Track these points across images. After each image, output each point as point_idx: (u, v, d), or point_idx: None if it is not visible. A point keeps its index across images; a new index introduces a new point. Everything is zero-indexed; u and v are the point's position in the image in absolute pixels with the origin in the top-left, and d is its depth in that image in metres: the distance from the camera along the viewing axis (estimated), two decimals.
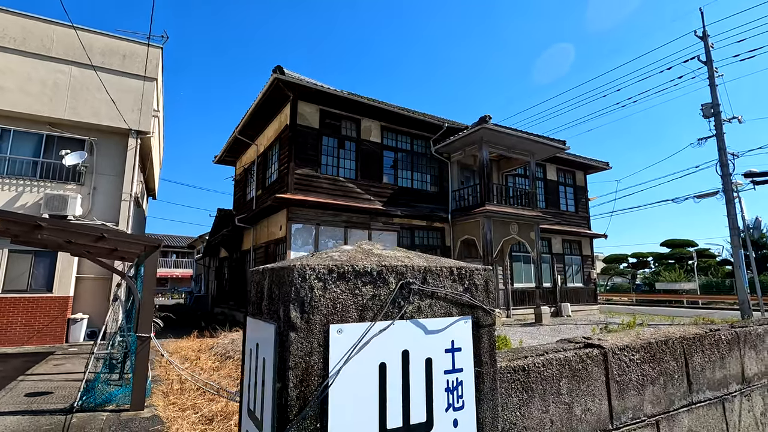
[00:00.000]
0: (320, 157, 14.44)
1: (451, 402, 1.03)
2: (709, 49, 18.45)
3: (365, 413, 0.91)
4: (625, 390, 1.43)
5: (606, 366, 1.40)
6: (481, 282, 1.13)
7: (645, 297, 29.77)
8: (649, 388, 1.51)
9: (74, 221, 10.77)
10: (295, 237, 13.44)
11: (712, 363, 1.77)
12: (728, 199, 17.12)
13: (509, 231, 16.14)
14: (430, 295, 1.03)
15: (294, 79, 13.29)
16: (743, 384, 1.84)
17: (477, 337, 1.09)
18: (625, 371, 1.46)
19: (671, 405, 1.56)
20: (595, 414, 1.34)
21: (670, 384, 1.57)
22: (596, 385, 1.37)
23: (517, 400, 1.15)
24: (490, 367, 1.07)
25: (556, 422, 1.21)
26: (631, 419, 1.42)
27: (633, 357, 1.51)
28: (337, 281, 0.93)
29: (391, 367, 0.96)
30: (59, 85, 10.99)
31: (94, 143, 11.47)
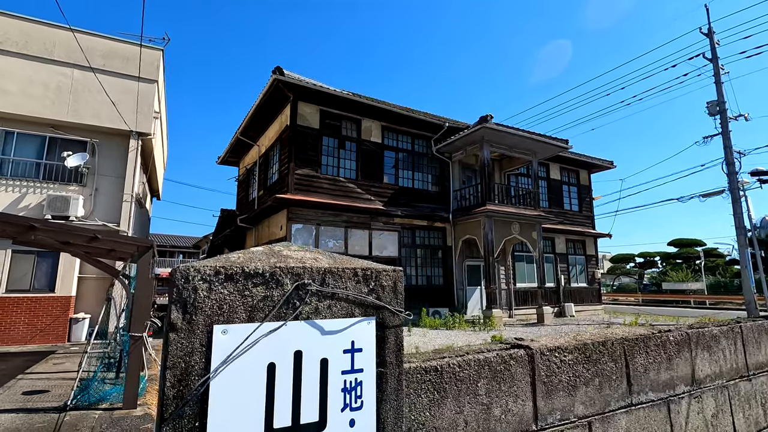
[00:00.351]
0: (320, 158, 14.48)
1: (348, 402, 1.03)
2: (714, 46, 18.21)
3: (250, 412, 0.92)
4: (554, 391, 1.42)
5: (532, 367, 1.40)
6: (388, 283, 1.13)
7: (652, 297, 29.45)
8: (582, 389, 1.49)
9: (76, 222, 10.92)
10: (296, 237, 13.50)
11: (658, 364, 1.74)
12: (734, 198, 16.89)
13: (511, 231, 16.07)
14: (329, 296, 1.03)
15: (293, 79, 13.34)
16: (693, 386, 1.81)
17: (382, 337, 1.09)
18: (554, 372, 1.45)
19: (607, 406, 1.55)
20: (517, 415, 1.33)
21: (606, 385, 1.56)
22: (520, 385, 1.37)
23: (427, 401, 1.15)
24: (395, 368, 1.08)
25: (471, 422, 1.21)
26: (558, 420, 1.41)
27: (565, 358, 1.50)
28: (224, 282, 0.94)
29: (281, 367, 0.97)
30: (61, 87, 11.14)
31: (96, 145, 11.61)
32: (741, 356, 1.96)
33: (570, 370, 1.48)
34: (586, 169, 22.61)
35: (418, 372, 1.17)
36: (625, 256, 41.66)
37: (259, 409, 0.93)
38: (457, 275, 16.76)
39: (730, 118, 18.05)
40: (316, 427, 0.99)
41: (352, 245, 14.52)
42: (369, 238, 14.93)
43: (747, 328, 2.15)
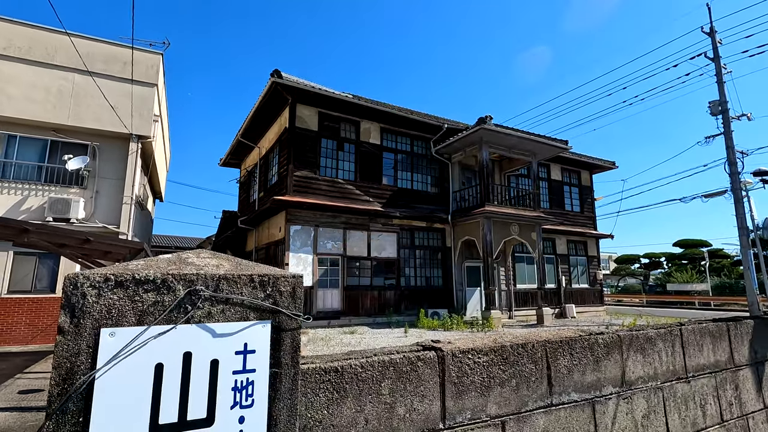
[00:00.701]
0: (319, 159, 14.58)
1: (239, 400, 1.10)
2: (716, 45, 18.05)
3: (135, 409, 0.99)
4: (465, 391, 1.46)
5: (443, 368, 1.44)
6: (287, 289, 1.18)
7: (656, 298, 29.21)
8: (497, 390, 1.53)
9: (77, 224, 11.10)
10: (294, 238, 13.60)
11: (583, 366, 1.78)
12: (737, 199, 16.71)
13: (510, 231, 16.05)
14: (223, 301, 1.09)
15: (291, 82, 13.45)
16: (623, 387, 1.84)
17: (277, 340, 1.14)
18: (466, 373, 1.49)
19: (524, 406, 1.58)
20: (423, 414, 1.38)
21: (524, 386, 1.60)
22: (428, 386, 1.41)
23: (325, 399, 1.21)
24: (290, 368, 1.13)
25: (372, 421, 1.26)
26: (469, 419, 1.46)
27: (479, 360, 1.54)
28: (114, 289, 1.01)
29: (169, 367, 1.04)
30: (63, 92, 11.33)
31: (96, 148, 11.80)
32: (679, 358, 1.98)
33: (484, 371, 1.52)
34: (588, 170, 22.52)
35: (318, 372, 1.23)
36: (630, 257, 41.34)
37: (145, 406, 1.00)
38: (456, 276, 16.77)
39: (733, 117, 17.88)
40: (204, 423, 1.06)
41: (351, 246, 14.60)
42: (367, 240, 15.00)
43: (688, 331, 2.17)
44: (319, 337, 10.65)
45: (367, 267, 14.89)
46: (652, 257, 39.25)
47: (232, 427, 1.08)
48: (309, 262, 13.75)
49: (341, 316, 13.99)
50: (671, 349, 1.99)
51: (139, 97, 12.06)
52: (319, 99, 14.39)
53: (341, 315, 14.01)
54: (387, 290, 15.13)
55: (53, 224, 9.11)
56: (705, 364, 2.11)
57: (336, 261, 14.33)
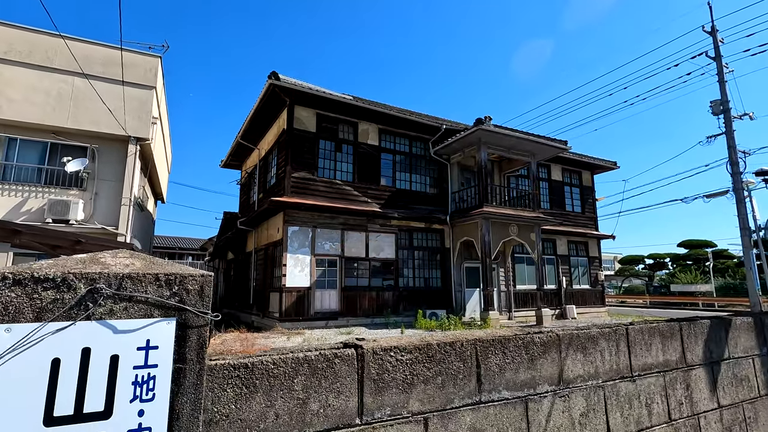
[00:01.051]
0: (317, 161, 14.64)
1: (139, 394, 1.13)
2: (717, 45, 17.90)
3: (29, 401, 1.02)
4: (386, 388, 1.48)
5: (362, 366, 1.46)
6: (194, 287, 1.22)
7: (660, 299, 28.98)
8: (420, 387, 1.55)
9: (76, 225, 11.23)
10: (292, 239, 13.66)
11: (517, 364, 1.79)
12: (738, 199, 16.54)
13: (509, 232, 16.02)
14: (126, 299, 1.13)
15: (289, 84, 13.53)
16: (561, 385, 1.85)
17: (182, 336, 1.18)
18: (387, 370, 1.51)
19: (449, 403, 1.60)
20: (338, 409, 1.41)
21: (451, 383, 1.62)
22: (345, 382, 1.43)
23: (233, 394, 1.24)
24: (195, 364, 1.17)
25: (283, 416, 1.29)
26: (388, 415, 1.48)
27: (402, 357, 1.56)
28: (12, 286, 1.05)
29: (67, 362, 1.07)
30: (62, 94, 11.48)
31: (96, 150, 11.94)
32: (624, 357, 1.99)
33: (407, 369, 1.54)
34: (589, 170, 22.41)
35: (226, 368, 1.26)
36: (635, 257, 41.03)
37: (39, 398, 1.04)
38: (455, 277, 16.76)
39: (735, 117, 17.70)
40: (101, 416, 1.09)
41: (349, 247, 14.65)
42: (366, 240, 15.03)
43: (635, 331, 2.17)
44: (315, 337, 10.69)
45: (366, 268, 14.92)
46: (657, 258, 38.95)
47: (131, 420, 1.12)
48: (307, 263, 13.80)
49: (339, 317, 14.03)
50: (615, 349, 2.00)
51: (138, 99, 12.18)
52: (317, 100, 14.46)
53: (339, 316, 14.05)
54: (385, 291, 15.15)
55: (43, 226, 9.23)
56: (653, 363, 2.11)
57: (334, 262, 14.37)
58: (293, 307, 13.31)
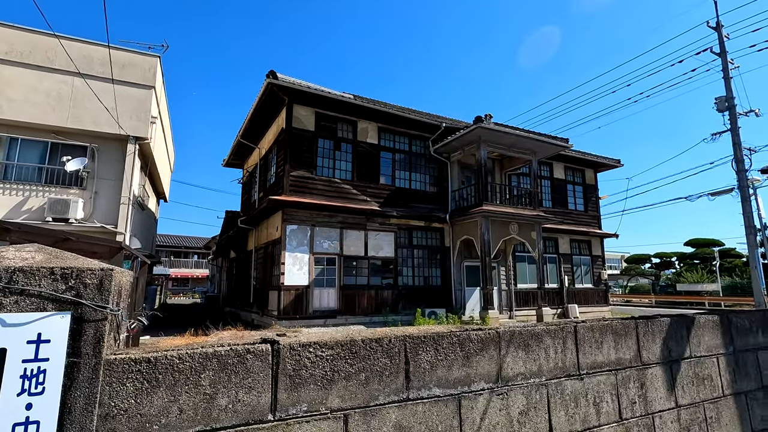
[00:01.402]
0: (316, 159, 14.65)
1: (27, 388, 1.13)
2: (723, 40, 17.65)
3: None
4: (303, 384, 1.47)
5: (276, 361, 1.45)
6: (93, 281, 1.21)
7: (665, 298, 28.67)
8: (341, 383, 1.53)
9: (76, 224, 11.36)
10: (290, 238, 13.69)
11: (450, 361, 1.76)
12: (744, 197, 16.33)
13: (509, 231, 15.94)
14: (18, 292, 1.13)
15: (287, 82, 13.55)
16: (498, 383, 1.81)
17: (78, 330, 1.18)
18: (305, 366, 1.49)
19: (373, 400, 1.58)
20: (249, 405, 1.39)
21: (375, 380, 1.59)
22: (257, 378, 1.42)
23: (134, 389, 1.23)
24: (91, 358, 1.16)
25: (187, 410, 1.28)
26: (304, 411, 1.46)
27: (322, 353, 1.54)
28: None
29: None
30: (62, 94, 11.60)
31: (95, 149, 12.05)
32: (571, 355, 1.95)
33: (328, 365, 1.53)
34: (592, 168, 22.22)
35: (127, 363, 1.26)
36: (641, 256, 40.63)
37: None
38: (455, 276, 16.71)
39: (740, 114, 17.47)
40: None
41: (348, 246, 14.65)
42: (365, 239, 15.03)
43: (585, 328, 2.13)
44: None
45: (364, 266, 14.92)
46: (664, 257, 38.52)
47: (18, 414, 1.12)
48: (305, 262, 13.83)
49: (337, 315, 14.05)
50: (562, 346, 1.96)
51: (137, 99, 12.28)
52: (316, 99, 14.46)
53: (337, 314, 14.07)
54: (384, 290, 15.14)
55: (33, 224, 9.32)
56: (604, 361, 2.07)
57: (333, 260, 14.38)
58: (291, 306, 13.35)
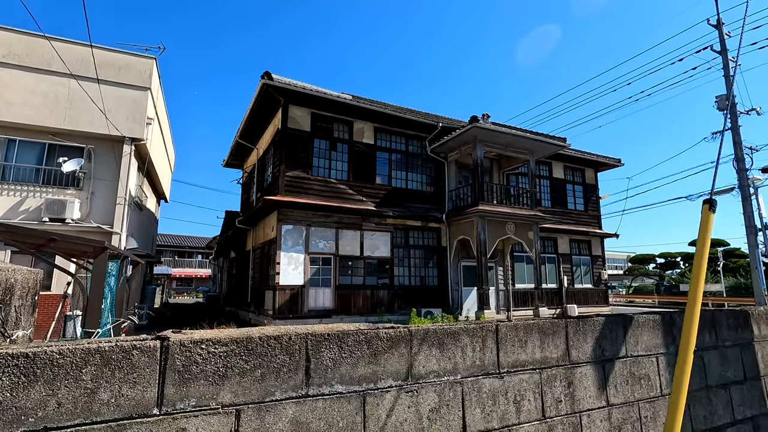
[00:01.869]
0: (312, 160, 14.71)
1: None
2: (723, 38, 17.47)
3: None
4: (192, 379, 1.50)
5: (165, 357, 1.49)
6: None
7: (668, 299, 28.40)
8: (235, 379, 1.56)
9: (72, 224, 11.51)
10: (285, 238, 13.77)
11: (356, 359, 1.77)
12: (744, 196, 16.15)
13: (505, 231, 15.90)
14: None
15: (282, 83, 13.62)
16: (409, 380, 1.82)
17: None
18: (196, 362, 1.53)
19: (269, 396, 1.60)
20: (133, 399, 1.43)
21: (272, 376, 1.62)
22: (143, 373, 1.46)
23: (9, 383, 1.27)
24: None
25: (66, 404, 1.32)
26: (193, 406, 1.49)
27: (215, 350, 1.57)
28: None
29: None
30: (59, 97, 11.76)
31: (92, 151, 12.20)
32: (491, 354, 1.95)
33: (221, 361, 1.56)
34: (593, 168, 22.07)
35: (3, 358, 1.30)
36: (646, 256, 40.27)
37: None
38: (452, 276, 16.70)
39: (741, 112, 17.28)
40: None
41: (343, 246, 14.69)
42: (360, 239, 15.07)
43: (507, 327, 2.13)
44: None
45: (360, 266, 14.96)
46: (668, 257, 38.16)
47: None
48: (301, 262, 13.90)
49: (333, 315, 14.10)
50: (481, 345, 1.96)
51: (132, 100, 12.41)
52: (312, 99, 14.52)
53: (333, 314, 14.12)
54: (380, 289, 15.17)
55: (19, 224, 9.47)
56: (528, 360, 2.07)
57: (328, 260, 14.44)
58: (287, 305, 13.43)
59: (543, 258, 19.32)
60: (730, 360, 2.90)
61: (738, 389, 2.87)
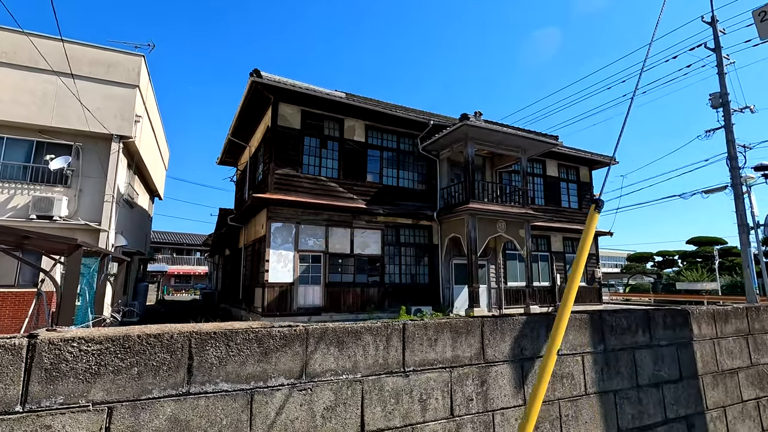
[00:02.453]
0: (302, 157, 14.71)
1: None
2: (717, 35, 17.35)
3: None
4: (61, 377, 1.51)
5: (32, 355, 1.51)
6: None
7: (664, 297, 28.34)
8: (109, 377, 1.57)
9: (60, 221, 11.57)
10: (275, 236, 13.79)
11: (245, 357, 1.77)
12: (737, 194, 16.07)
13: (496, 229, 15.87)
14: None
15: (272, 81, 13.61)
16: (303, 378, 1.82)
17: None
18: (66, 360, 1.54)
19: (145, 393, 1.61)
20: None
21: (150, 374, 1.63)
22: (6, 371, 1.45)
23: None
24: None
25: None
26: (60, 403, 1.51)
27: (88, 348, 1.58)
28: None
29: None
30: (47, 94, 11.79)
31: (80, 148, 12.24)
32: (396, 353, 1.95)
33: (93, 359, 1.57)
34: (587, 166, 22.00)
35: None
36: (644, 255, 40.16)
37: None
38: (443, 274, 16.70)
39: (735, 110, 17.18)
40: None
41: (333, 243, 14.71)
42: (351, 237, 15.08)
43: (417, 326, 2.12)
44: None
45: (350, 264, 14.97)
46: (666, 255, 38.05)
47: None
48: (290, 259, 13.92)
49: (322, 312, 14.13)
50: (385, 344, 1.96)
51: (121, 98, 12.43)
52: (302, 97, 14.50)
53: (322, 311, 14.15)
54: (370, 287, 15.19)
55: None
56: (437, 359, 2.07)
57: (318, 258, 14.46)
58: (275, 302, 13.46)
59: (536, 256, 19.31)
60: (666, 359, 2.89)
61: (672, 388, 2.86)
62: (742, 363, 3.38)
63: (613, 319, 2.75)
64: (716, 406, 3.07)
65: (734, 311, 3.74)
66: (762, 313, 3.96)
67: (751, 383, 3.37)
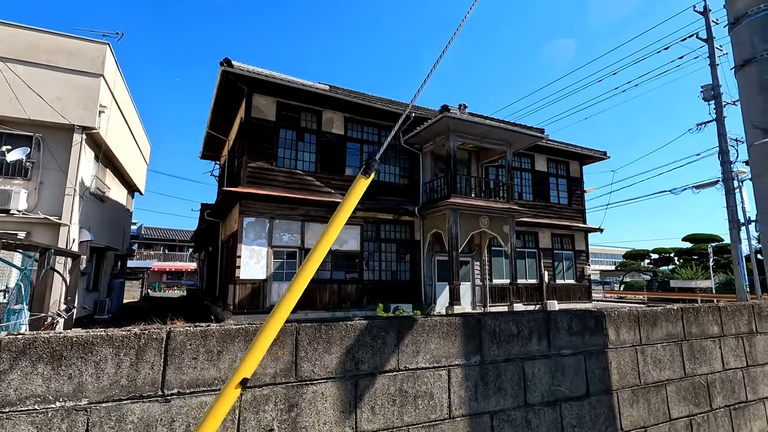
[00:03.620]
0: (276, 150, 14.25)
1: None
2: (710, 25, 16.80)
3: None
4: None
5: None
6: None
7: (658, 295, 27.86)
8: None
9: (18, 215, 11.14)
10: (247, 231, 13.36)
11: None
12: (728, 190, 15.55)
13: (479, 224, 15.41)
14: None
15: (244, 71, 13.13)
16: None
17: None
18: None
19: None
20: None
21: None
22: None
23: None
24: None
25: None
26: None
27: None
28: None
29: None
30: (2, 82, 11.32)
31: (41, 139, 11.79)
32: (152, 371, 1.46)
33: None
34: (577, 161, 21.48)
35: None
36: (640, 252, 39.61)
37: None
38: (425, 270, 16.25)
39: (727, 102, 16.64)
40: None
41: (309, 239, 14.27)
42: None
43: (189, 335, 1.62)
44: None
45: (327, 260, 14.52)
46: (662, 253, 37.50)
47: None
48: (263, 255, 13.50)
49: (297, 310, 13.68)
50: (134, 359, 1.49)
51: (84, 87, 11.98)
52: (277, 88, 14.02)
53: (297, 309, 13.69)
54: (348, 284, 14.76)
55: None
56: (220, 377, 1.60)
57: (293, 254, 14.03)
58: (247, 300, 13.05)
59: (523, 253, 18.85)
60: (568, 372, 2.39)
61: (575, 406, 2.37)
62: (673, 374, 2.90)
63: (496, 324, 2.27)
64: (634, 426, 2.58)
65: (665, 313, 3.26)
66: (702, 315, 3.49)
67: (683, 398, 2.88)
